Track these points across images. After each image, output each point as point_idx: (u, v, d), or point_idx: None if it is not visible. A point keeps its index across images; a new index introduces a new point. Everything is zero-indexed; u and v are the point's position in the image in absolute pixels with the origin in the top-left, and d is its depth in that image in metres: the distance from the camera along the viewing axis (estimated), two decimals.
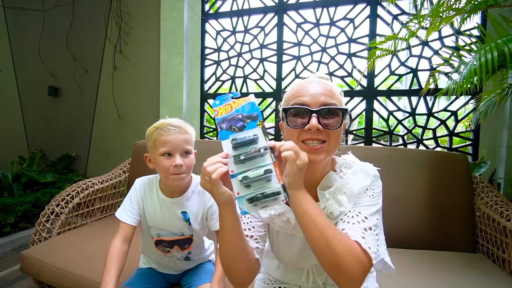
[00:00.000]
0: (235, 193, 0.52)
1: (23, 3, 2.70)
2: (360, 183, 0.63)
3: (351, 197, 0.62)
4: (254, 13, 2.21)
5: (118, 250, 0.85)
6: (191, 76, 2.36)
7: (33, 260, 1.13)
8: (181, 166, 0.84)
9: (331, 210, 0.62)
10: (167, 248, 0.93)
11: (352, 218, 0.59)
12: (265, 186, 0.52)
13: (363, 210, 0.60)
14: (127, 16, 2.43)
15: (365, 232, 0.56)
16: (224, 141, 0.54)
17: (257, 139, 0.53)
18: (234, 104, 0.56)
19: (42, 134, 2.87)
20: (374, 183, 0.64)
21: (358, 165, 0.67)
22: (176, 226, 0.92)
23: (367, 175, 0.65)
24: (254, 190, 0.51)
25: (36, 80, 2.82)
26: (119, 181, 1.69)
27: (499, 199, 1.23)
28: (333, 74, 2.04)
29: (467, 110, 1.86)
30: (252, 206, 0.51)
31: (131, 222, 0.89)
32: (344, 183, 0.63)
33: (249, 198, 0.51)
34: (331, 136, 0.60)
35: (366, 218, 0.58)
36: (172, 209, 0.91)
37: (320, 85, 0.63)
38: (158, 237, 0.93)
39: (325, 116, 0.60)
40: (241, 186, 0.52)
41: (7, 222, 1.98)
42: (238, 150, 0.53)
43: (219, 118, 0.55)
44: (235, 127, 0.54)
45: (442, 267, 1.10)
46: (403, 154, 1.41)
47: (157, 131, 0.85)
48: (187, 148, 0.86)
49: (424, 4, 1.41)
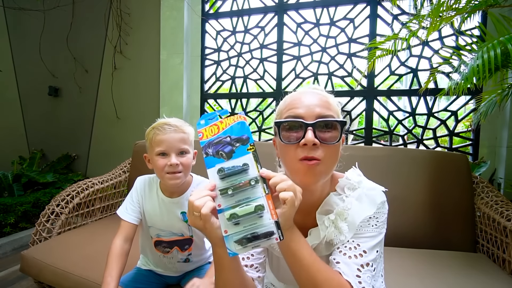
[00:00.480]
0: (223, 231, 0.46)
1: (23, 3, 2.70)
2: (363, 212, 0.57)
3: (352, 225, 0.56)
4: (254, 13, 2.20)
5: (120, 249, 0.85)
6: (191, 76, 2.36)
7: (33, 260, 1.13)
8: (177, 165, 0.83)
9: (331, 237, 0.57)
10: (166, 249, 0.93)
11: (350, 251, 0.54)
12: (256, 223, 0.46)
13: (362, 242, 0.55)
14: (127, 16, 2.43)
15: (361, 269, 0.52)
16: (211, 169, 0.47)
17: (247, 169, 0.47)
18: (221, 125, 0.50)
19: (42, 134, 2.87)
20: (380, 211, 0.58)
21: (363, 188, 0.60)
22: (176, 227, 0.91)
23: (372, 202, 0.58)
24: (244, 228, 0.45)
25: (36, 80, 2.82)
26: (119, 181, 1.69)
27: (499, 199, 1.23)
28: (333, 74, 2.04)
29: (467, 110, 1.86)
30: (242, 248, 0.45)
31: (133, 220, 0.89)
32: (346, 208, 0.58)
33: (238, 240, 0.45)
34: (328, 154, 0.54)
35: (365, 252, 0.54)
36: (171, 209, 0.90)
37: (315, 95, 0.58)
38: (158, 238, 0.92)
39: (322, 130, 0.54)
40: (228, 223, 0.46)
41: (7, 222, 1.98)
42: (226, 181, 0.47)
43: (205, 142, 0.48)
44: (222, 152, 0.48)
45: (442, 267, 1.10)
46: (403, 154, 1.41)
47: (153, 130, 0.85)
48: (183, 147, 0.85)
49: (424, 4, 1.41)
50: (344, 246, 0.56)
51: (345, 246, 0.56)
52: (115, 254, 0.84)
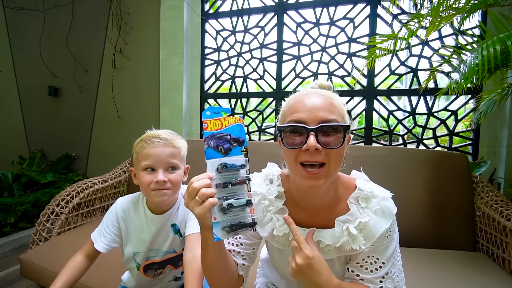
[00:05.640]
0: (212, 218, 0.50)
1: (23, 3, 2.70)
2: (381, 226, 0.59)
3: (369, 237, 0.59)
4: (254, 13, 2.20)
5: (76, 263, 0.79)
6: (191, 76, 2.36)
7: (32, 265, 1.12)
8: (164, 182, 0.75)
9: (342, 244, 0.59)
10: (158, 270, 0.85)
11: (370, 265, 0.59)
12: (239, 215, 0.52)
13: (381, 254, 0.59)
14: (127, 16, 2.43)
15: (383, 280, 0.58)
16: (210, 160, 0.52)
17: (242, 168, 0.53)
18: (224, 122, 0.54)
19: (42, 134, 2.87)
20: (394, 222, 0.61)
21: (377, 197, 0.61)
22: (167, 244, 0.84)
23: (388, 215, 0.60)
24: (229, 217, 0.51)
25: (36, 80, 2.82)
26: (119, 181, 1.69)
27: (499, 198, 1.23)
28: (333, 74, 2.04)
29: (467, 109, 1.86)
30: (226, 234, 0.51)
31: (102, 249, 0.81)
32: (362, 220, 0.59)
33: (229, 226, 0.51)
34: (332, 157, 0.54)
35: (384, 263, 0.59)
36: (162, 226, 0.83)
37: (319, 97, 0.56)
38: (147, 261, 0.84)
39: (325, 134, 0.54)
40: (218, 211, 0.51)
41: (7, 222, 1.98)
42: (221, 174, 0.52)
43: (208, 133, 0.52)
44: (222, 147, 0.52)
45: (442, 266, 1.10)
46: (403, 154, 1.41)
47: (140, 143, 0.78)
48: (173, 162, 0.78)
49: (424, 4, 1.41)
50: (364, 261, 0.59)
51: (365, 260, 0.59)
52: (69, 266, 0.79)
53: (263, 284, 0.83)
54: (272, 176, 0.69)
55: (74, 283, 0.78)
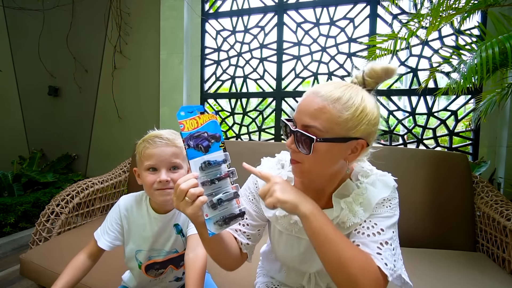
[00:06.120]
0: (204, 215, 0.52)
1: (23, 3, 2.70)
2: (378, 194, 0.60)
3: (367, 207, 0.59)
4: (254, 13, 2.20)
5: (79, 263, 0.80)
6: (191, 76, 2.36)
7: (32, 264, 1.12)
8: (167, 182, 0.76)
9: (344, 220, 0.60)
10: (160, 270, 0.85)
11: (368, 230, 0.57)
12: (227, 207, 0.54)
13: (379, 221, 0.58)
14: (127, 16, 2.43)
15: (381, 247, 0.54)
16: (193, 160, 0.53)
17: (224, 163, 0.55)
18: (199, 120, 0.55)
19: (42, 134, 2.87)
20: (393, 194, 0.62)
21: (376, 174, 0.64)
22: (170, 244, 0.84)
23: (386, 186, 0.62)
24: (219, 211, 0.53)
25: (36, 80, 2.82)
26: (119, 181, 1.70)
27: (499, 198, 1.23)
28: (333, 74, 2.04)
29: (467, 109, 1.86)
30: (219, 227, 0.53)
31: (106, 247, 0.82)
32: (360, 193, 0.61)
33: (221, 219, 0.53)
34: (306, 160, 0.57)
35: (382, 230, 0.56)
36: (165, 225, 0.84)
37: (312, 100, 0.55)
38: (149, 261, 0.84)
39: (298, 139, 0.56)
40: (208, 208, 0.52)
41: (7, 222, 1.98)
42: (205, 172, 0.53)
43: (186, 134, 0.53)
44: (201, 146, 0.53)
45: (441, 266, 1.10)
46: (403, 154, 1.41)
47: (143, 143, 0.80)
48: (175, 162, 0.78)
49: (424, 4, 1.41)
50: (361, 226, 0.58)
51: (362, 226, 0.58)
52: (72, 265, 0.79)
53: (263, 284, 0.83)
54: (285, 161, 0.73)
55: (76, 283, 0.78)
